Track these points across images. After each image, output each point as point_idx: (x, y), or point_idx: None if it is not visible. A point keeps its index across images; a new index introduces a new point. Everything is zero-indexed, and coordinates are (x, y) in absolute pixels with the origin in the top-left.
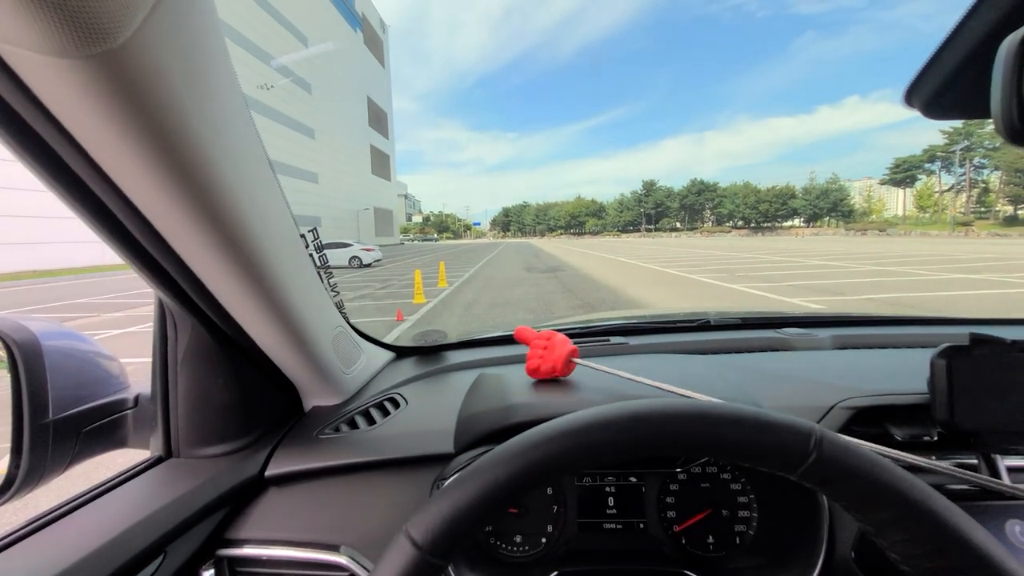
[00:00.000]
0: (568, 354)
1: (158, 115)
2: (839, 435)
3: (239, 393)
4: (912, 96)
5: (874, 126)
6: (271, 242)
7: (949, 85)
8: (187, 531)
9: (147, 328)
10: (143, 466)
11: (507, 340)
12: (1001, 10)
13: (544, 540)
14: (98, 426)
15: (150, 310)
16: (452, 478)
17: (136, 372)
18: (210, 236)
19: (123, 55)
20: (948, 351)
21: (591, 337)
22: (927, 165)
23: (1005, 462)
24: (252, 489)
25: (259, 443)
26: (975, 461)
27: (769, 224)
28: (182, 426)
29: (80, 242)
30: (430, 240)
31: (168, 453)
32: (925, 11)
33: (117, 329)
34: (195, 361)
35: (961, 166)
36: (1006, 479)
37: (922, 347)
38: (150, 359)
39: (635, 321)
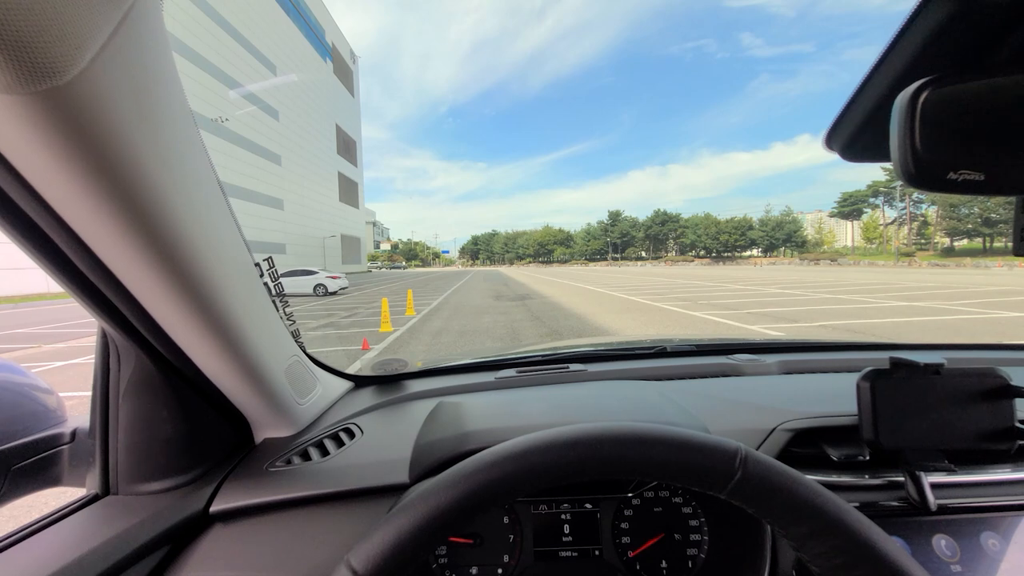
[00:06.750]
0: None
1: (104, 149)
2: (762, 455)
3: (185, 425)
4: (831, 140)
5: (823, 162)
6: (222, 271)
7: (861, 132)
8: (122, 572)
9: (92, 359)
10: (77, 504)
11: (470, 368)
12: (896, 69)
13: (500, 571)
14: (30, 463)
15: (94, 340)
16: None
17: (78, 407)
18: (157, 266)
19: (70, 92)
20: (871, 374)
21: (551, 365)
22: (872, 199)
23: (929, 479)
24: (196, 526)
25: (205, 478)
26: (903, 479)
27: (729, 254)
28: (122, 461)
29: (23, 268)
30: (398, 268)
31: (106, 490)
32: (868, 58)
33: (60, 360)
34: (139, 392)
35: (902, 201)
36: (930, 496)
37: (860, 371)
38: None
39: (595, 349)
